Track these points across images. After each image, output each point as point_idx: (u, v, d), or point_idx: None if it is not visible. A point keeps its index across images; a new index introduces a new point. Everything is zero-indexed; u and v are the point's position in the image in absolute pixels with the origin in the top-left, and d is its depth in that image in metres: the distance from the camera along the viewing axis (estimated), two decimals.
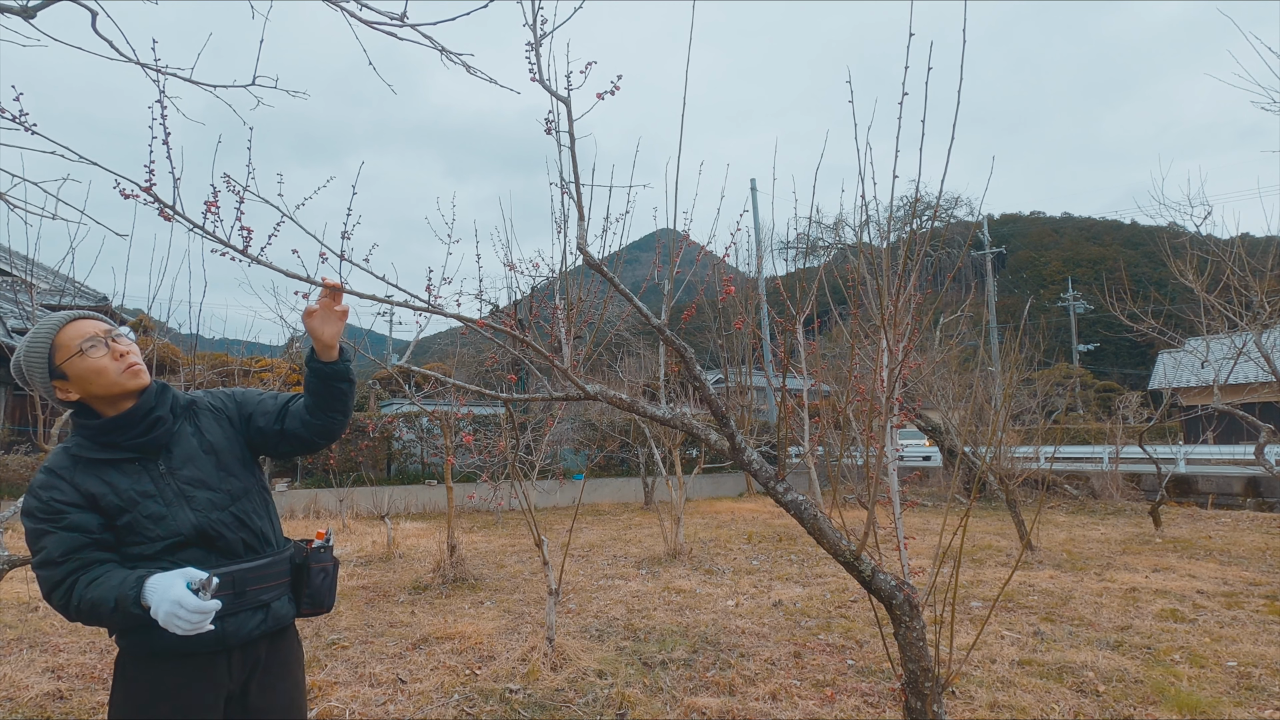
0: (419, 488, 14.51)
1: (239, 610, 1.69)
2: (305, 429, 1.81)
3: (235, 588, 1.68)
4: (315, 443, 1.84)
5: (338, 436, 1.88)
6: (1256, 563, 7.50)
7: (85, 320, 1.68)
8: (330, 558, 1.89)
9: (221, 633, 1.65)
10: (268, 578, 1.76)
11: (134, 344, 1.71)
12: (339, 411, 1.81)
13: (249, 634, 1.71)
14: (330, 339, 1.74)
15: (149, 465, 1.68)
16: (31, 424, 16.47)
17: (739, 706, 3.69)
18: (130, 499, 1.63)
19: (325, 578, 1.86)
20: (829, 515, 2.47)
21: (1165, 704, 3.68)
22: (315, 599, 1.85)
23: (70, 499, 1.60)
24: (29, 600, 5.96)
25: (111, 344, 1.66)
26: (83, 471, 1.63)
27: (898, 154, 2.56)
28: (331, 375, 1.76)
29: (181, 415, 1.77)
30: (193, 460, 1.72)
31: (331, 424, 1.82)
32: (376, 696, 3.87)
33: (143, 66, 2.19)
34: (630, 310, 2.29)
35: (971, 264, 36.81)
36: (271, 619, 1.75)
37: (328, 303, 1.75)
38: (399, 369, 2.60)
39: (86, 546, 1.58)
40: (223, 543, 1.69)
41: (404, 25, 2.21)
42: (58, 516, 1.58)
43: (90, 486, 1.61)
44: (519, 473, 5.26)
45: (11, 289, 13.94)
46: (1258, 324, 7.24)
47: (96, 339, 1.65)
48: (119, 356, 1.66)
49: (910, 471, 17.20)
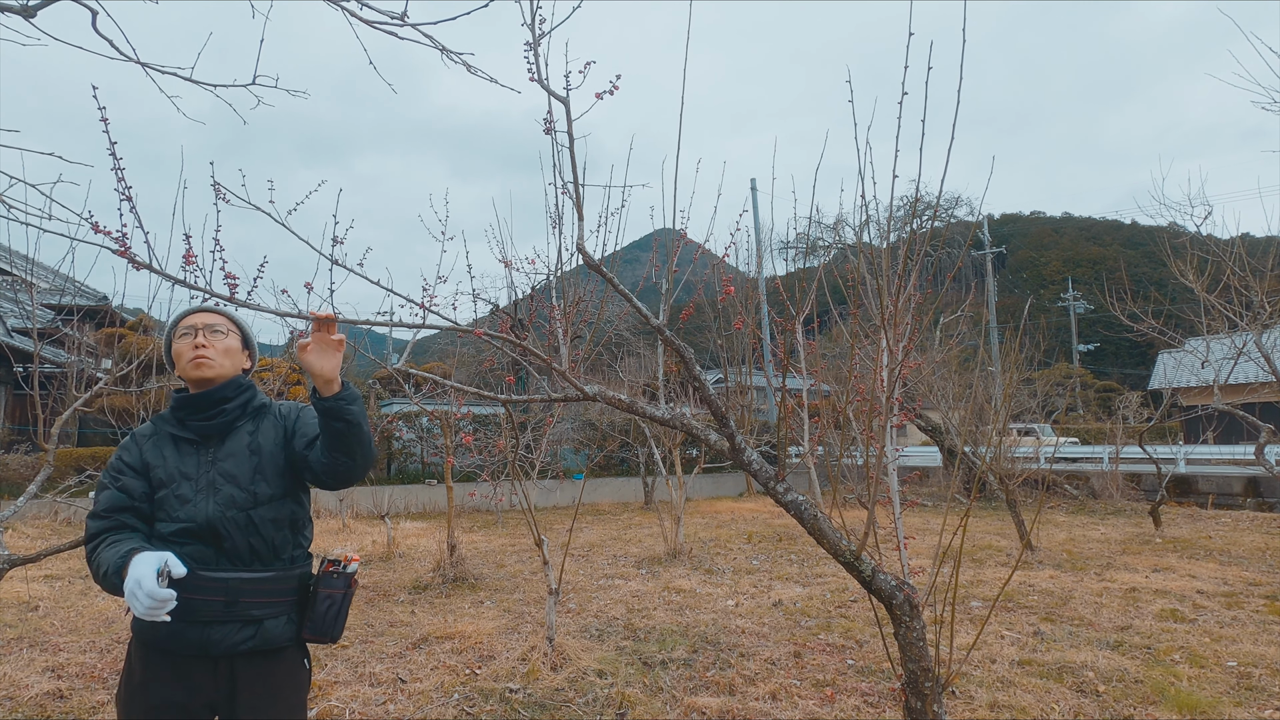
0: (419, 487, 14.52)
1: (228, 620, 1.66)
2: (316, 465, 1.75)
3: (228, 596, 1.66)
4: (325, 481, 1.77)
5: (349, 482, 1.77)
6: (1256, 563, 7.50)
7: (203, 313, 1.84)
8: (343, 585, 1.79)
9: (204, 639, 1.64)
10: (266, 593, 1.71)
11: (222, 341, 1.81)
12: (342, 453, 1.70)
13: (233, 646, 1.66)
14: (328, 372, 1.66)
15: (202, 450, 1.76)
16: (31, 424, 16.48)
17: (739, 706, 3.69)
18: (171, 475, 1.72)
19: (331, 606, 1.77)
20: (829, 515, 2.47)
21: (1165, 704, 3.67)
22: (317, 627, 1.77)
23: (131, 462, 1.73)
24: (29, 600, 5.96)
25: (199, 336, 1.79)
26: (153, 441, 1.77)
27: (898, 154, 2.56)
28: (325, 412, 1.67)
29: (250, 415, 1.84)
30: (235, 456, 1.76)
31: (336, 466, 1.72)
32: (376, 696, 3.87)
33: (143, 66, 2.19)
34: (629, 309, 2.29)
35: (971, 264, 36.81)
36: (261, 637, 1.69)
37: (321, 335, 1.67)
38: (398, 370, 2.59)
39: (127, 510, 1.69)
40: (229, 543, 1.69)
41: (404, 25, 2.21)
42: (117, 475, 1.72)
43: (150, 456, 1.74)
44: (519, 472, 5.26)
45: (11, 289, 13.94)
46: (1258, 324, 7.24)
47: (191, 329, 1.80)
48: (194, 348, 1.78)
49: (910, 471, 17.20)
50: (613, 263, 3.16)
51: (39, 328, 4.46)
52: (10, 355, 11.08)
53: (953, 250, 28.84)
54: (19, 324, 15.17)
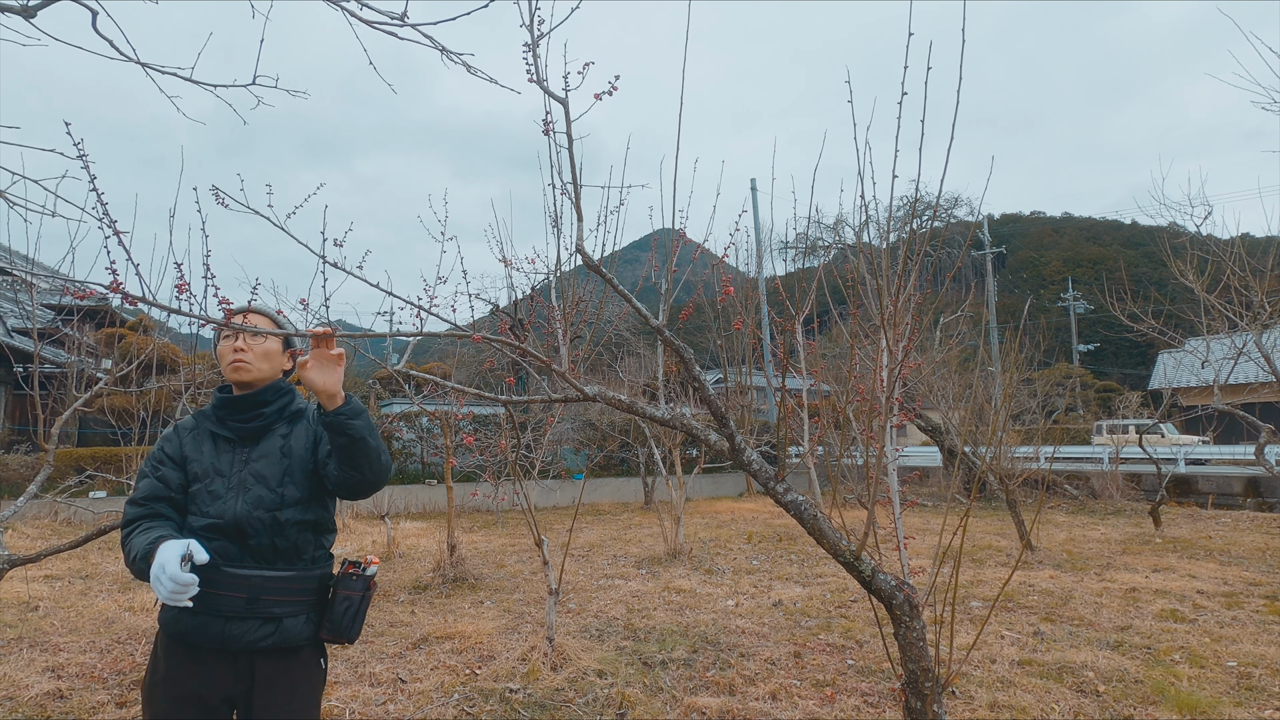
0: (419, 487, 14.52)
1: (249, 617, 1.71)
2: (330, 476, 1.78)
3: (250, 593, 1.71)
4: (339, 492, 1.80)
5: (360, 494, 1.79)
6: (1256, 563, 7.50)
7: (253, 315, 1.89)
8: (361, 587, 1.83)
9: (224, 634, 1.69)
10: (287, 591, 1.75)
11: (262, 345, 1.84)
12: (350, 467, 1.72)
13: (253, 643, 1.70)
14: (330, 387, 1.68)
15: (238, 449, 1.81)
16: (31, 424, 16.50)
17: (739, 706, 3.69)
18: (206, 471, 1.76)
19: (349, 607, 1.81)
20: (829, 515, 2.47)
21: (1165, 704, 3.67)
22: (335, 628, 1.80)
23: (172, 453, 1.79)
24: (29, 600, 5.96)
25: (240, 339, 1.82)
26: (194, 435, 1.82)
27: (897, 154, 2.56)
28: (329, 428, 1.69)
29: (286, 418, 1.87)
30: (268, 457, 1.80)
31: (346, 479, 1.74)
32: (376, 696, 3.87)
33: (143, 66, 2.19)
34: (629, 310, 2.29)
35: (971, 264, 36.81)
36: (280, 635, 1.73)
37: (320, 351, 1.68)
38: (398, 370, 2.59)
39: (163, 499, 1.74)
40: (254, 542, 1.73)
41: (404, 25, 2.21)
42: (158, 465, 1.77)
43: (189, 449, 1.80)
44: (519, 472, 5.26)
45: (11, 289, 13.94)
46: (1258, 324, 7.23)
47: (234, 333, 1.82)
48: (233, 350, 1.82)
49: (910, 471, 17.20)
50: (612, 263, 3.17)
51: (39, 328, 4.46)
52: (10, 355, 11.09)
53: (952, 250, 28.84)
54: (19, 324, 15.17)
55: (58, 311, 13.03)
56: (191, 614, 1.65)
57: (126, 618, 5.51)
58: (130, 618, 5.51)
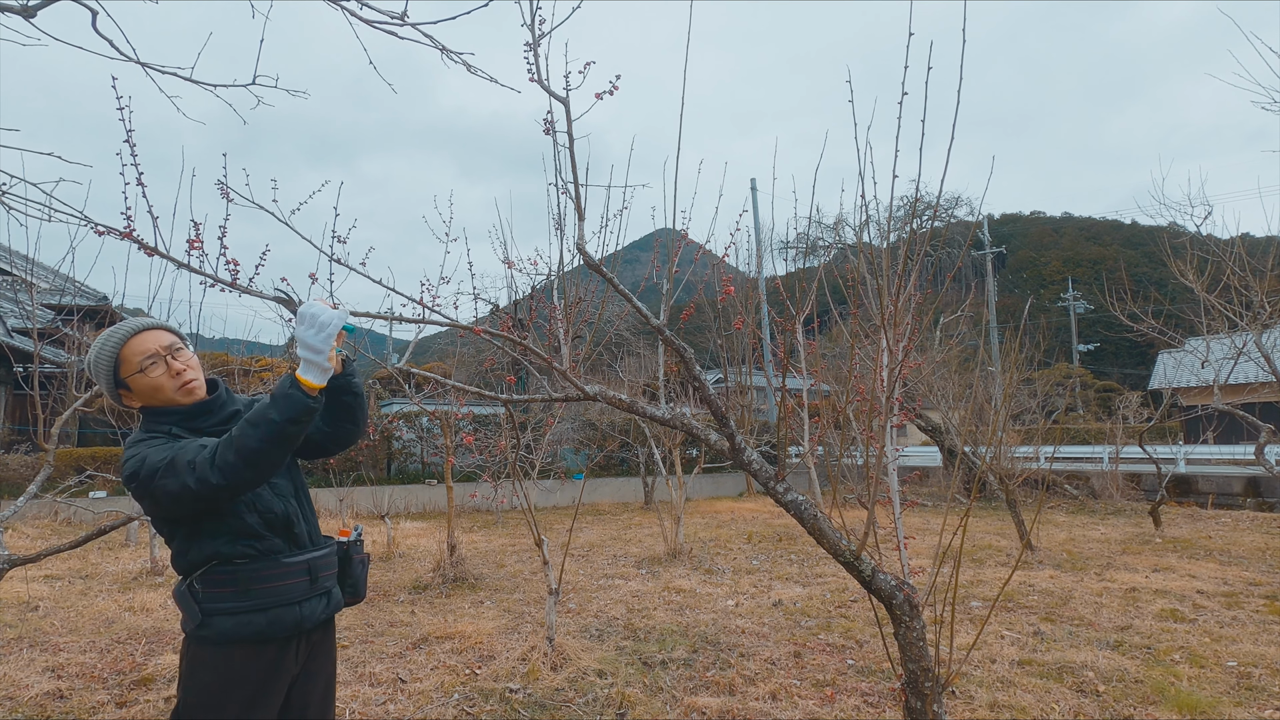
0: (419, 487, 14.51)
1: (312, 595, 1.80)
2: (317, 435, 1.91)
3: (310, 575, 1.79)
4: (330, 449, 1.97)
5: (351, 444, 2.00)
6: (1256, 563, 7.50)
7: (151, 332, 1.74)
8: (363, 549, 2.03)
9: (299, 618, 1.75)
10: (328, 565, 1.88)
11: (193, 358, 1.81)
12: (348, 422, 1.91)
13: (319, 618, 1.82)
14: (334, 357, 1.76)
15: None
16: (31, 424, 16.48)
17: (739, 706, 3.69)
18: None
19: (363, 567, 2.01)
20: (829, 515, 2.47)
21: (1165, 704, 3.67)
22: (355, 588, 1.97)
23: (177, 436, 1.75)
24: (29, 600, 5.96)
25: (170, 361, 1.73)
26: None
27: (898, 154, 2.56)
28: (344, 389, 1.84)
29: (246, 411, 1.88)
30: None
31: (341, 433, 1.93)
32: (376, 696, 3.88)
33: (143, 66, 2.19)
34: (630, 309, 2.29)
35: (971, 264, 36.82)
36: (332, 604, 1.88)
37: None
38: (398, 369, 2.59)
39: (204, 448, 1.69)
40: (298, 529, 1.81)
41: (404, 24, 2.21)
42: (173, 440, 1.66)
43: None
44: (519, 472, 5.26)
45: (11, 289, 13.93)
46: (1258, 324, 7.24)
47: (157, 356, 1.72)
48: (175, 374, 1.74)
49: (910, 471, 17.20)
50: (613, 263, 3.16)
51: (39, 328, 4.46)
52: (10, 355, 11.08)
53: (953, 250, 28.85)
54: (19, 324, 15.16)
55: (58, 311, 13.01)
56: (262, 611, 1.69)
57: (126, 618, 5.51)
58: (130, 618, 5.51)
